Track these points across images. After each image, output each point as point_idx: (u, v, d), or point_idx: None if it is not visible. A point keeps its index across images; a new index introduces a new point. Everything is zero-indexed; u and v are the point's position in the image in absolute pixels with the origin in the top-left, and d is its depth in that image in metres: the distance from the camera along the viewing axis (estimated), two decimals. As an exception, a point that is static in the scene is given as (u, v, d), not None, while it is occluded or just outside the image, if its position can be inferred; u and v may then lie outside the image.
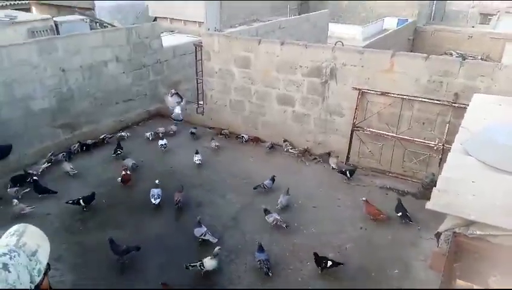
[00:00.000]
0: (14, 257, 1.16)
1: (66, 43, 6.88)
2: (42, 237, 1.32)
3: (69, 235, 4.91)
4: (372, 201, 5.35)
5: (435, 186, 2.59)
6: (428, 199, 2.56)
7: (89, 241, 4.78)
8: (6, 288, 1.08)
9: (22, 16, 9.65)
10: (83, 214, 5.29)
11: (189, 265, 4.20)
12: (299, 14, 16.64)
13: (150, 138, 7.45)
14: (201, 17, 15.44)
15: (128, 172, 5.99)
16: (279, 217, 5.02)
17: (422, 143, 6.04)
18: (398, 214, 5.16)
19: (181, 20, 15.75)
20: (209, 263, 4.20)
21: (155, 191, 5.42)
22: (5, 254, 1.15)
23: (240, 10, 16.60)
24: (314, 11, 16.27)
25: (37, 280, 1.21)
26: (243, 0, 16.96)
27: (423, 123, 6.02)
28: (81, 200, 5.28)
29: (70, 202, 5.27)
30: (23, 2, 14.37)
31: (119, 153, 6.73)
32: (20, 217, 4.89)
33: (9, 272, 1.12)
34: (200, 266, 4.19)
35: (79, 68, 7.07)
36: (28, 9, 14.08)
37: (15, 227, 1.28)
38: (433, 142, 5.92)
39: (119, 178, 5.90)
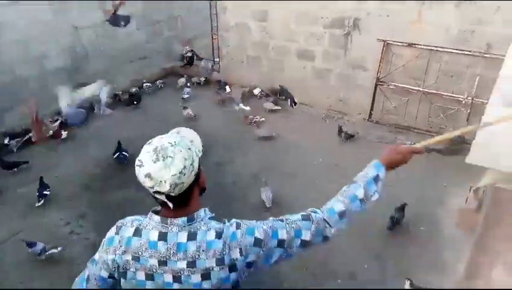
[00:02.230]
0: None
1: (79, 1, 6.64)
2: (193, 132, 1.53)
3: (91, 193, 4.94)
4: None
5: (464, 142, 2.42)
6: (455, 154, 2.38)
7: (110, 199, 4.80)
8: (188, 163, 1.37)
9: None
10: (104, 174, 5.31)
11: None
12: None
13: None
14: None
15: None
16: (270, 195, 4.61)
17: (450, 97, 5.76)
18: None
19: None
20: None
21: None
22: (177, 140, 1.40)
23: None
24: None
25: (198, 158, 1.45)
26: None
27: (451, 76, 5.71)
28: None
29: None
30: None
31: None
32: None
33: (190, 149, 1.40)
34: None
35: (92, 26, 6.87)
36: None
37: (171, 131, 1.53)
38: (461, 96, 5.63)
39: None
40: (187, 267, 1.40)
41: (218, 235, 1.42)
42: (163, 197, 1.37)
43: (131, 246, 1.43)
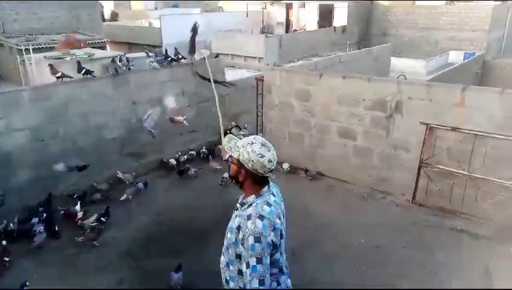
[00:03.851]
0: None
1: (137, 78, 7.37)
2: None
3: (131, 260, 5.05)
4: (443, 245, 4.96)
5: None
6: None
7: (149, 267, 4.87)
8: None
9: (98, 53, 10.54)
10: (145, 240, 5.44)
11: None
12: (359, 49, 16.59)
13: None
14: (261, 53, 15.94)
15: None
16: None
17: (498, 182, 5.57)
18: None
19: (241, 56, 16.38)
20: None
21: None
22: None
23: (300, 45, 16.93)
24: (374, 45, 16.17)
25: None
26: (302, 36, 17.28)
27: (498, 161, 5.58)
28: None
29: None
30: (101, 40, 15.76)
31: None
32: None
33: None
34: None
35: (148, 101, 7.50)
36: (103, 47, 15.40)
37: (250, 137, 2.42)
38: (509, 182, 5.44)
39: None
40: None
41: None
42: (271, 174, 2.33)
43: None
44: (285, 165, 7.54)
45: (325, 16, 21.37)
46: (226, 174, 7.01)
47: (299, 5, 24.14)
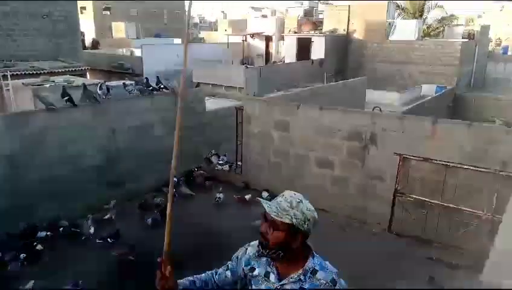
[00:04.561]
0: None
1: (118, 106, 7.39)
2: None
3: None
4: (418, 274, 5.05)
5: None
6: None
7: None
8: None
9: (78, 80, 10.54)
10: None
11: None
12: (336, 81, 17.11)
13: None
14: (241, 83, 16.22)
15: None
16: None
17: (470, 212, 5.76)
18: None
19: (222, 85, 16.61)
20: None
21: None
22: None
23: (279, 76, 17.32)
24: (351, 78, 16.73)
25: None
26: (281, 68, 17.74)
27: (469, 191, 5.80)
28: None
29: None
30: (81, 68, 15.73)
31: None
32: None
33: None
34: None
35: (128, 129, 7.51)
36: (83, 75, 15.36)
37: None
38: (480, 212, 5.64)
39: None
40: None
41: None
42: None
43: None
44: (265, 194, 7.58)
45: (304, 48, 22.06)
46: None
47: (278, 38, 24.90)
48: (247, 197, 7.52)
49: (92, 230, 6.23)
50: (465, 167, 5.72)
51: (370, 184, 6.68)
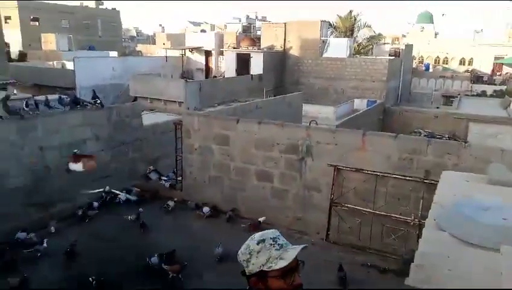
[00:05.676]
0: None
1: (46, 122, 6.97)
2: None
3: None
4: (353, 279, 5.26)
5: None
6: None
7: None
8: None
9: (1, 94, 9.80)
10: None
11: None
12: (275, 96, 17.52)
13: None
14: (181, 97, 16.01)
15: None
16: None
17: (399, 219, 6.14)
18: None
19: (161, 99, 16.28)
20: None
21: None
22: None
23: (219, 91, 17.37)
24: (289, 93, 17.24)
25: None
26: (221, 82, 17.84)
27: (398, 199, 6.19)
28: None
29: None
30: (4, 82, 14.64)
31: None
32: None
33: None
34: None
35: (57, 147, 7.09)
36: (6, 89, 14.24)
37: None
38: (409, 218, 6.04)
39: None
40: None
41: None
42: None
43: None
44: (206, 209, 7.50)
45: (243, 63, 22.38)
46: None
47: (218, 53, 25.05)
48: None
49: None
50: (393, 176, 6.11)
51: (308, 195, 6.89)
